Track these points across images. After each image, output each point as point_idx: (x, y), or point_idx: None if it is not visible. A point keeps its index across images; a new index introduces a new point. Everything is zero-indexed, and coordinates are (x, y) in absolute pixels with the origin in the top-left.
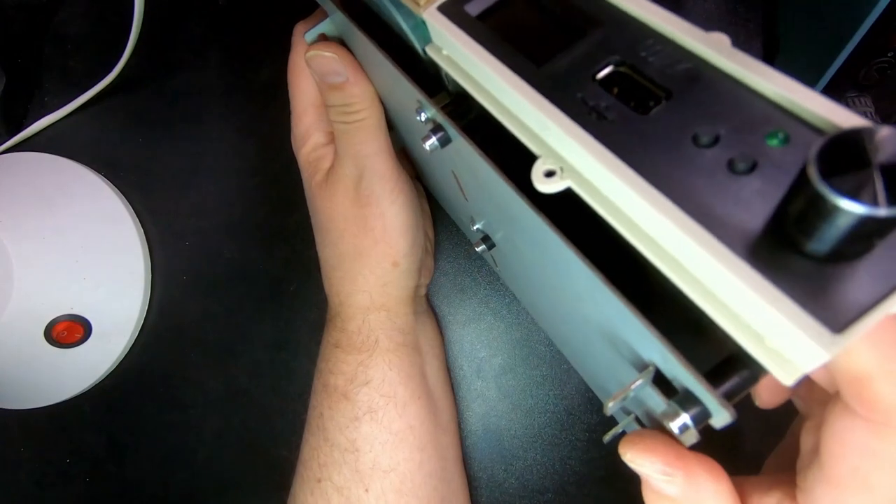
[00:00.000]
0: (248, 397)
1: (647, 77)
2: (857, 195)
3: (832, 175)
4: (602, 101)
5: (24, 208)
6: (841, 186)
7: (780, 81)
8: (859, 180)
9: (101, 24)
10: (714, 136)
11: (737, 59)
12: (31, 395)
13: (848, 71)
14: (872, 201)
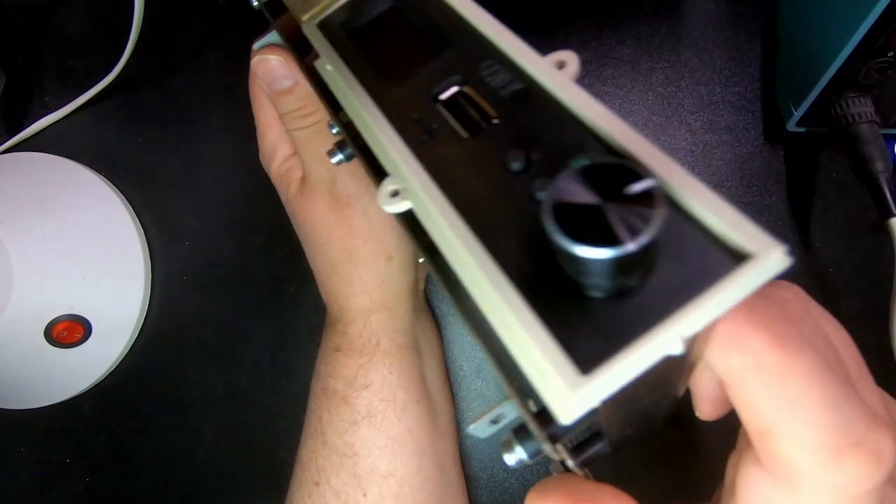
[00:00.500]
0: (248, 397)
1: (483, 98)
2: (582, 239)
3: (569, 218)
4: (435, 123)
5: (24, 208)
6: (568, 230)
7: (591, 106)
8: (590, 222)
9: (101, 24)
10: (525, 162)
11: (559, 81)
12: (31, 395)
13: (848, 71)
14: (603, 243)
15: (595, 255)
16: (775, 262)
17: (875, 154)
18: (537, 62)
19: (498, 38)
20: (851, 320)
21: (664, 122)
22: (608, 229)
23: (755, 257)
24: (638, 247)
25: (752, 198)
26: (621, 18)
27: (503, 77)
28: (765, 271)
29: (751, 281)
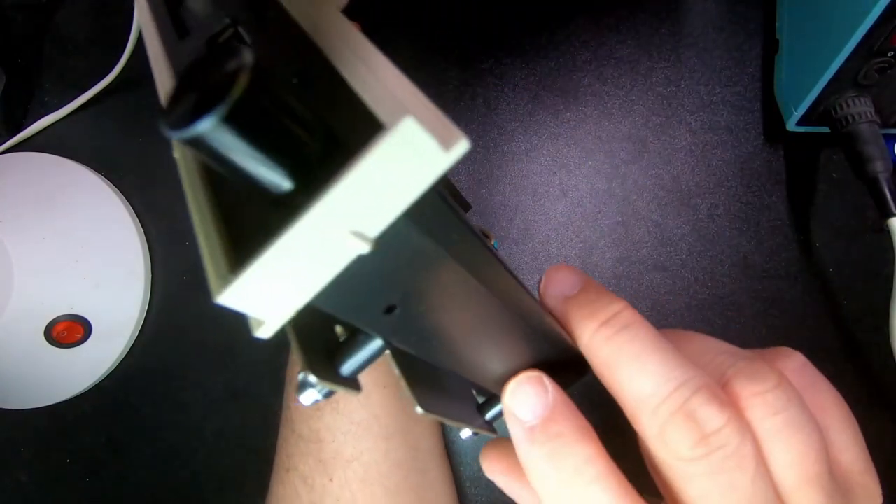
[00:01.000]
0: (248, 397)
1: (245, 31)
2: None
3: None
4: None
5: (24, 208)
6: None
7: (311, 22)
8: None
9: (101, 24)
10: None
11: (308, 5)
12: (31, 395)
13: (848, 71)
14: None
15: (179, 136)
16: (413, 139)
17: (875, 154)
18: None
19: None
20: (851, 320)
21: (664, 122)
22: (199, 108)
23: (385, 131)
24: (199, 130)
25: (752, 198)
26: (621, 18)
27: (263, 8)
28: (408, 151)
29: (393, 164)
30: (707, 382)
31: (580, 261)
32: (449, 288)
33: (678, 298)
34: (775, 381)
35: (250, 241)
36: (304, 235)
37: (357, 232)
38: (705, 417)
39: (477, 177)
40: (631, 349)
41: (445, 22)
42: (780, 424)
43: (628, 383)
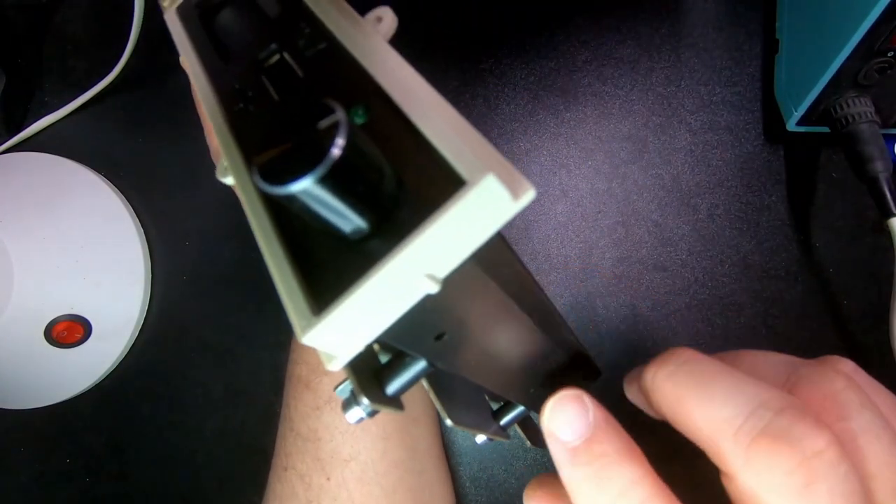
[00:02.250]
0: (248, 397)
1: (295, 60)
2: (267, 178)
3: None
4: (251, 90)
5: (24, 208)
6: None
7: (372, 59)
8: (288, 163)
9: (101, 24)
10: None
11: (359, 37)
12: (31, 395)
13: (848, 71)
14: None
15: (277, 192)
16: (490, 193)
17: (875, 154)
18: (347, 20)
19: (311, 3)
20: (851, 320)
21: (664, 122)
22: (296, 166)
23: (467, 186)
24: (297, 188)
25: (752, 198)
26: (621, 18)
27: (312, 37)
28: (484, 203)
29: (471, 214)
30: (793, 402)
31: (580, 261)
32: (493, 315)
33: (678, 298)
34: (844, 381)
35: (328, 282)
36: (384, 281)
37: (430, 274)
38: (800, 437)
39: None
40: (696, 379)
41: (445, 22)
42: (865, 425)
43: (700, 413)
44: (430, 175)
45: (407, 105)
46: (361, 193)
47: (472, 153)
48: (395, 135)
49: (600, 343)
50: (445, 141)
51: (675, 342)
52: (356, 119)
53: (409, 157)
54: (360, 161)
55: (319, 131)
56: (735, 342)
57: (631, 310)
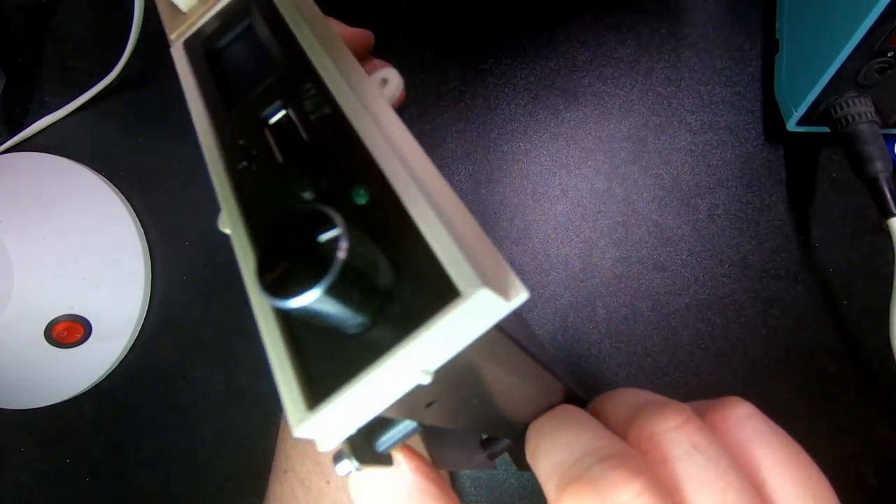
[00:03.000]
0: (248, 397)
1: (300, 121)
2: (269, 290)
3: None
4: (256, 148)
5: (24, 208)
6: (265, 283)
7: (375, 135)
8: (284, 272)
9: (101, 24)
10: (314, 191)
11: (362, 106)
12: (31, 395)
13: (848, 71)
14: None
15: (281, 305)
16: (483, 302)
17: (875, 154)
18: (353, 84)
19: (317, 60)
20: (851, 320)
21: (664, 122)
22: (296, 280)
23: (461, 297)
24: (302, 302)
25: (752, 198)
26: (621, 18)
27: (318, 100)
28: (477, 310)
29: (464, 321)
30: (621, 450)
31: (580, 261)
32: (485, 383)
33: (678, 298)
34: (677, 421)
35: (323, 376)
36: (377, 379)
37: (422, 370)
38: (610, 485)
39: (477, 177)
40: (551, 427)
41: (445, 22)
42: (693, 469)
43: (541, 459)
44: (427, 277)
45: (407, 197)
46: (358, 300)
47: (467, 262)
48: (394, 222)
49: (600, 343)
50: (443, 243)
51: (675, 342)
52: (358, 200)
53: (407, 249)
54: (359, 273)
55: (320, 245)
56: (735, 342)
57: (631, 310)
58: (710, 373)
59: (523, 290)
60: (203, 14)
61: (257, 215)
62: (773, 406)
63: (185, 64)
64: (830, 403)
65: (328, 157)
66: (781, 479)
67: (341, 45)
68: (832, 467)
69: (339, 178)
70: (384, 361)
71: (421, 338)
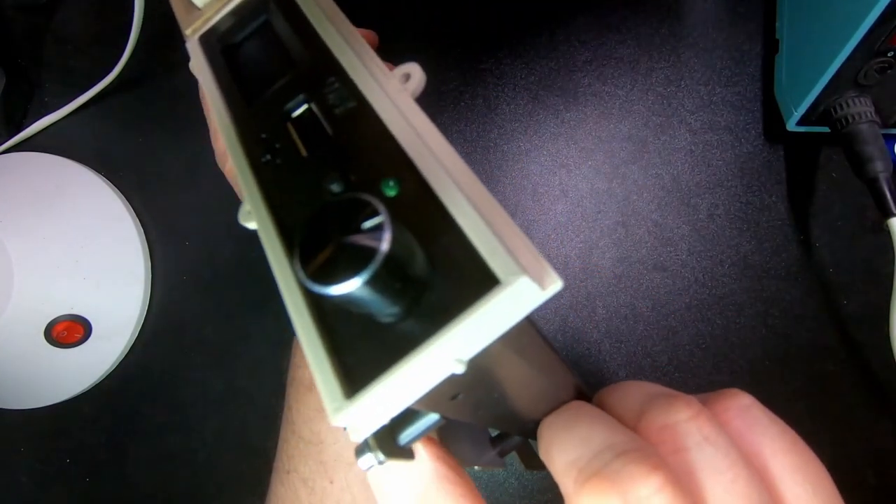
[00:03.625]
0: (248, 397)
1: (324, 115)
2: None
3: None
4: (279, 142)
5: (24, 208)
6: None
7: (404, 128)
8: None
9: (101, 24)
10: (343, 184)
11: (389, 99)
12: (31, 395)
13: (848, 71)
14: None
15: (325, 291)
16: (522, 290)
17: (875, 154)
18: (377, 78)
19: (341, 55)
20: (851, 320)
21: (664, 122)
22: (341, 267)
23: (501, 285)
24: (349, 288)
25: (752, 198)
26: (621, 18)
27: (342, 93)
28: (515, 298)
29: (503, 308)
30: (639, 445)
31: (580, 261)
32: (508, 375)
33: (678, 298)
34: (688, 413)
35: (359, 365)
36: (414, 368)
37: (457, 358)
38: (630, 479)
39: (477, 177)
40: (563, 424)
41: (445, 22)
42: (706, 459)
43: (557, 457)
44: (464, 264)
45: (440, 188)
46: (399, 289)
47: (505, 250)
48: (426, 212)
49: (600, 343)
50: (479, 233)
51: (675, 342)
52: (387, 192)
53: (441, 239)
54: (401, 261)
55: (363, 232)
56: (735, 342)
57: (631, 310)
58: (710, 373)
59: (558, 278)
60: (219, 10)
61: (284, 208)
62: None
63: (202, 59)
64: (830, 403)
65: (355, 150)
66: (781, 465)
67: (361, 39)
68: (832, 467)
69: (368, 171)
70: (423, 351)
71: (461, 326)
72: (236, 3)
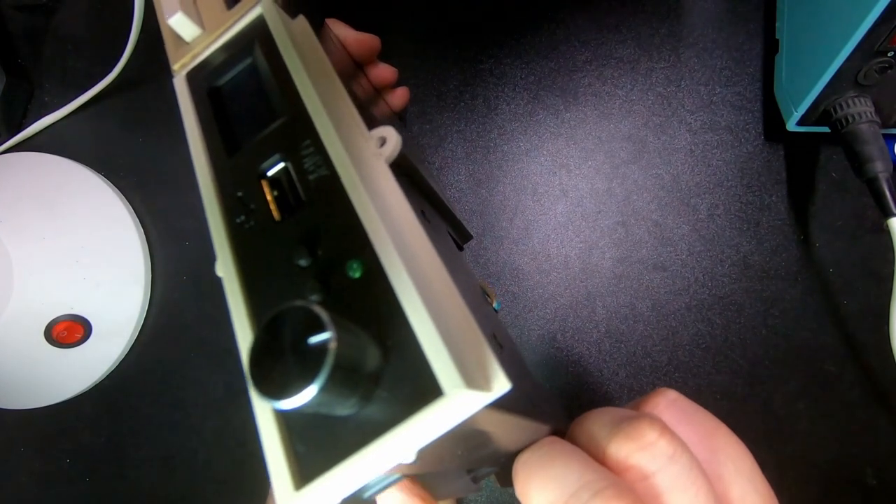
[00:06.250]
0: (248, 397)
1: (299, 179)
2: (259, 387)
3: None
4: (254, 202)
5: (24, 208)
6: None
7: (368, 208)
8: (273, 370)
9: (101, 24)
10: (310, 259)
11: (358, 172)
12: (31, 395)
13: (848, 71)
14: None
15: (273, 405)
16: (465, 400)
17: (875, 154)
18: (351, 145)
19: (317, 117)
20: (851, 320)
21: (664, 122)
22: (287, 381)
23: (444, 396)
24: (292, 405)
25: (752, 198)
26: (621, 18)
27: (316, 159)
28: (458, 406)
29: (446, 414)
30: (613, 482)
31: (580, 261)
32: (471, 441)
33: (678, 298)
34: (654, 433)
35: (309, 454)
36: (362, 462)
37: (405, 451)
38: None
39: (477, 177)
40: (539, 462)
41: (445, 22)
42: (672, 479)
43: (535, 495)
44: (412, 368)
45: (396, 281)
46: (346, 394)
47: (450, 357)
48: (384, 303)
49: (600, 343)
50: (428, 335)
51: (675, 342)
52: (352, 273)
53: (394, 334)
54: (347, 374)
55: (312, 348)
56: (735, 342)
57: (631, 310)
58: (710, 373)
59: (507, 381)
60: (207, 46)
61: (253, 274)
62: (774, 406)
63: (188, 99)
64: (830, 403)
65: (325, 222)
66: (710, 449)
67: (341, 91)
68: (832, 467)
69: (335, 248)
70: (368, 447)
71: (403, 429)
72: (224, 40)
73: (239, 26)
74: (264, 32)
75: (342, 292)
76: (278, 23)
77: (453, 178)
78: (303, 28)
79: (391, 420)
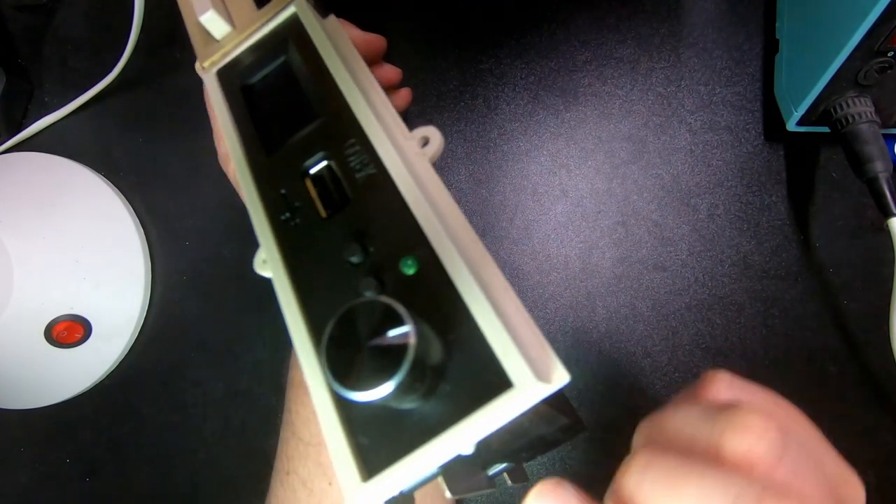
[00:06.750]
0: (248, 397)
1: (345, 177)
2: (340, 380)
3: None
4: (299, 200)
5: (24, 208)
6: (336, 370)
7: (421, 203)
8: (352, 363)
9: (101, 24)
10: (362, 255)
11: (407, 169)
12: (31, 395)
13: (848, 71)
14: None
15: (353, 398)
16: (531, 393)
17: (875, 154)
18: (396, 144)
19: (362, 115)
20: (851, 320)
21: (664, 122)
22: (367, 374)
23: (514, 388)
24: (374, 398)
25: (752, 198)
26: (621, 18)
27: (363, 158)
28: (523, 400)
29: (513, 405)
30: (766, 483)
31: (580, 261)
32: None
33: (678, 298)
34: (761, 426)
35: (374, 447)
36: (427, 455)
37: (468, 443)
38: None
39: (477, 177)
40: (663, 483)
41: (445, 22)
42: (792, 468)
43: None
44: (479, 361)
45: (456, 274)
46: (417, 387)
47: (519, 352)
48: (444, 298)
49: (600, 343)
50: (494, 329)
51: (675, 342)
52: (406, 270)
53: (457, 329)
54: (423, 368)
55: (393, 342)
56: (735, 342)
57: (631, 310)
58: None
59: (566, 373)
60: (238, 45)
61: (303, 271)
62: None
63: (220, 96)
64: (830, 403)
65: (374, 219)
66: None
67: (380, 91)
68: None
69: (387, 245)
70: (435, 440)
71: (472, 420)
72: (255, 39)
73: (271, 25)
74: (298, 31)
75: (397, 288)
76: (313, 22)
77: (453, 178)
78: (335, 27)
79: (458, 412)
